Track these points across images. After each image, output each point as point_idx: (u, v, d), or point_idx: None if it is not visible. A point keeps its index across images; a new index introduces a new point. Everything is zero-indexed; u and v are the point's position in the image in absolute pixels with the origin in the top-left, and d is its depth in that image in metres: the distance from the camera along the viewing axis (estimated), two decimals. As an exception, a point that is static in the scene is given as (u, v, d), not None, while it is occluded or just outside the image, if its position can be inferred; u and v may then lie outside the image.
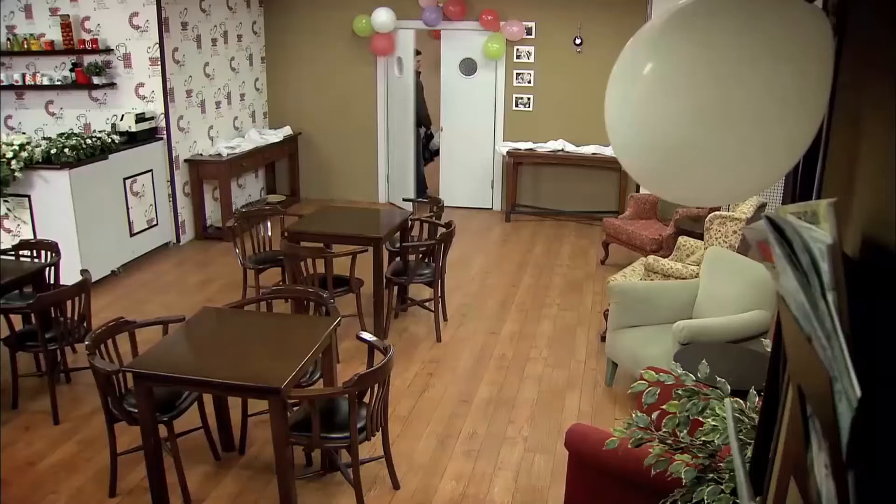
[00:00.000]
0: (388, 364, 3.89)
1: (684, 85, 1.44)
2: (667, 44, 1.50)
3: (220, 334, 4.43)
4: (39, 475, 4.64)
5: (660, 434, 2.59)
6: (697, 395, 2.51)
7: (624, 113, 1.54)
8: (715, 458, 2.50)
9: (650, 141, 1.49)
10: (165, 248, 8.79)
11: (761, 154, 1.41)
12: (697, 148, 1.43)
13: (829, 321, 0.84)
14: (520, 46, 9.86)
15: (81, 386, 5.65)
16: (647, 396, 2.60)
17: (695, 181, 1.48)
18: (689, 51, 1.46)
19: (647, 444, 2.62)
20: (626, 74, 1.54)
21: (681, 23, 1.49)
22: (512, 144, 9.89)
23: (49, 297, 5.21)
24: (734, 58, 1.41)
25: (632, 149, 1.55)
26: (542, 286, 7.56)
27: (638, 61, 1.51)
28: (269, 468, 4.56)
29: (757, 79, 1.40)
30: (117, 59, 8.57)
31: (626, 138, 1.55)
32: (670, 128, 1.45)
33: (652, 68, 1.48)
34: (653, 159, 1.52)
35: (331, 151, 10.77)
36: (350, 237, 6.30)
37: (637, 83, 1.50)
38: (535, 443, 4.87)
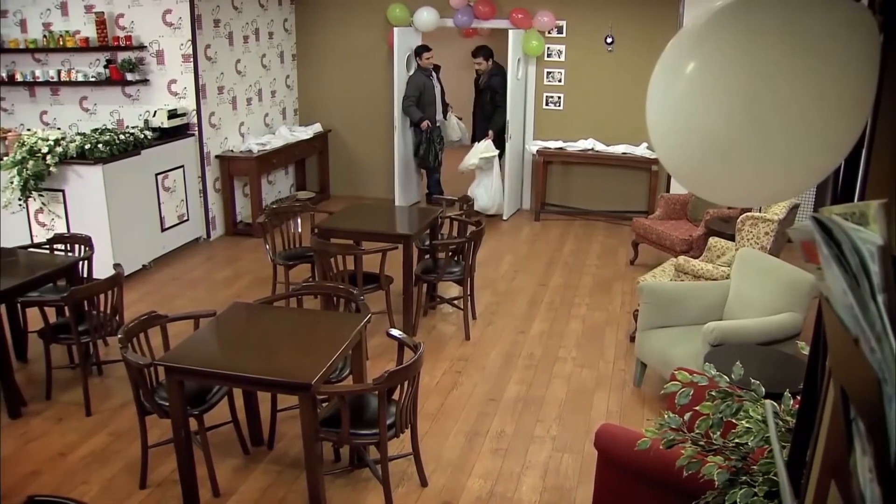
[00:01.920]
0: (418, 361, 3.90)
1: (727, 84, 1.43)
2: (709, 43, 1.48)
3: (251, 329, 4.46)
4: (71, 465, 4.70)
5: (692, 435, 2.58)
6: (731, 396, 2.49)
7: (666, 112, 1.53)
8: (747, 460, 2.48)
9: (692, 141, 1.48)
10: (196, 243, 8.85)
11: (805, 154, 1.39)
12: (740, 148, 1.42)
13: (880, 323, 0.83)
14: (551, 45, 9.83)
15: (113, 378, 5.71)
16: (681, 397, 2.58)
17: (737, 182, 1.47)
18: (732, 50, 1.44)
19: (678, 445, 2.61)
20: (668, 73, 1.53)
21: (723, 21, 1.47)
22: (542, 143, 9.86)
23: (82, 291, 5.26)
24: (778, 57, 1.40)
25: (673, 148, 1.54)
26: (571, 285, 7.54)
27: (680, 60, 1.50)
28: (297, 463, 4.58)
29: (801, 78, 1.38)
30: (150, 56, 8.64)
31: (668, 138, 1.54)
32: (712, 128, 1.44)
33: (694, 67, 1.47)
34: (694, 159, 1.51)
35: (360, 148, 10.80)
36: (380, 234, 6.32)
37: (679, 82, 1.49)
38: (563, 442, 4.85)
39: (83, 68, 8.83)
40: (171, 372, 3.94)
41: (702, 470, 2.48)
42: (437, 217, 6.71)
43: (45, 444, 4.94)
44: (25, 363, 6.00)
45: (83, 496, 4.30)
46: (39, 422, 5.21)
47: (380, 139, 10.59)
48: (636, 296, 6.23)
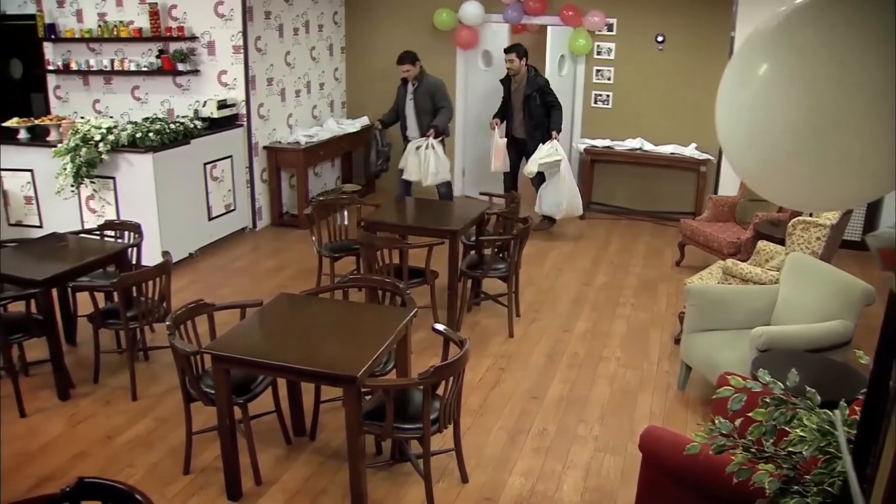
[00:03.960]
0: (464, 357, 3.88)
1: (800, 87, 1.39)
2: (782, 44, 1.45)
3: (297, 320, 4.48)
4: (117, 449, 4.76)
5: (743, 442, 2.53)
6: (786, 404, 2.45)
7: (736, 114, 1.50)
8: (799, 469, 2.44)
9: (763, 144, 1.45)
10: (242, 233, 8.93)
11: (879, 159, 1.35)
12: (812, 152, 1.38)
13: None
14: (601, 43, 9.76)
15: (159, 364, 5.78)
16: (734, 403, 2.54)
17: (808, 186, 1.43)
18: (806, 51, 1.41)
19: (728, 451, 2.56)
20: (740, 75, 1.49)
21: (798, 22, 1.44)
22: (589, 141, 9.80)
23: (131, 277, 5.34)
24: (853, 59, 1.36)
25: (743, 151, 1.50)
26: (615, 285, 7.48)
27: (752, 62, 1.47)
28: (339, 455, 4.60)
29: (877, 81, 1.34)
30: (202, 47, 8.73)
31: (738, 140, 1.50)
32: (784, 131, 1.40)
33: (767, 69, 1.43)
34: (764, 162, 1.48)
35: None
36: (427, 229, 6.32)
37: (751, 84, 1.45)
38: (606, 443, 4.81)
39: (136, 58, 8.94)
40: (217, 360, 3.97)
41: (752, 477, 2.44)
42: (484, 213, 6.70)
43: (92, 427, 5.01)
44: (75, 346, 6.10)
45: (128, 479, 4.35)
46: (87, 404, 5.29)
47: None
48: (682, 297, 6.15)
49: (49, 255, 5.72)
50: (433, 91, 8.59)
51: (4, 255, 5.78)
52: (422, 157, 8.55)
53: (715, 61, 8.99)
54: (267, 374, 4.33)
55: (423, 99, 8.62)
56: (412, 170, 8.68)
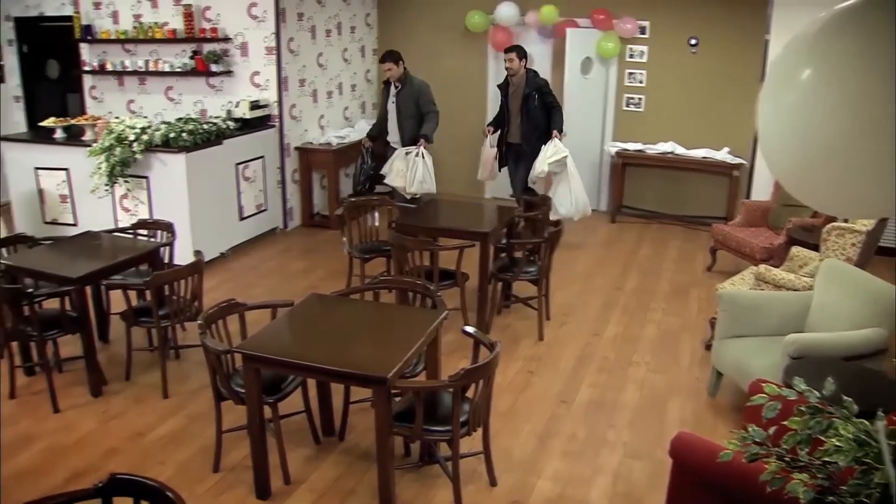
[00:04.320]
0: (494, 360, 3.87)
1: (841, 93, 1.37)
2: (824, 49, 1.42)
3: (327, 321, 4.49)
4: (148, 445, 4.81)
5: (777, 450, 2.50)
6: (822, 413, 2.41)
7: (777, 118, 1.48)
8: (834, 479, 2.40)
9: (802, 148, 1.43)
10: (272, 233, 8.98)
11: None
12: (851, 158, 1.36)
13: None
14: (633, 46, 9.71)
15: (190, 363, 5.83)
16: (768, 410, 2.51)
17: (846, 193, 1.41)
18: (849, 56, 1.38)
19: (762, 459, 2.53)
20: (782, 79, 1.47)
21: (841, 26, 1.41)
22: (621, 145, 9.75)
23: (164, 276, 5.38)
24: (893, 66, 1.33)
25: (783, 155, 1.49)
26: (646, 290, 7.43)
27: (795, 66, 1.45)
28: (367, 456, 4.60)
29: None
30: (235, 48, 8.79)
31: (778, 144, 1.48)
32: (825, 136, 1.38)
33: (809, 74, 1.41)
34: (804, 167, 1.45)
35: (438, 144, 10.72)
36: (458, 231, 6.31)
37: (793, 89, 1.43)
38: (635, 449, 4.77)
39: (170, 59, 9.03)
40: (248, 360, 3.99)
41: (786, 487, 2.40)
42: (515, 216, 6.68)
43: (123, 424, 5.06)
44: (107, 344, 6.17)
45: (158, 476, 4.37)
46: (119, 401, 5.34)
47: (461, 136, 10.58)
48: (713, 303, 6.11)
49: (83, 253, 5.78)
50: (418, 95, 8.23)
51: (40, 253, 5.86)
52: (409, 163, 8.15)
53: (749, 64, 8.92)
54: (297, 374, 4.34)
55: (407, 103, 8.25)
56: (396, 174, 8.27)
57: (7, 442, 4.86)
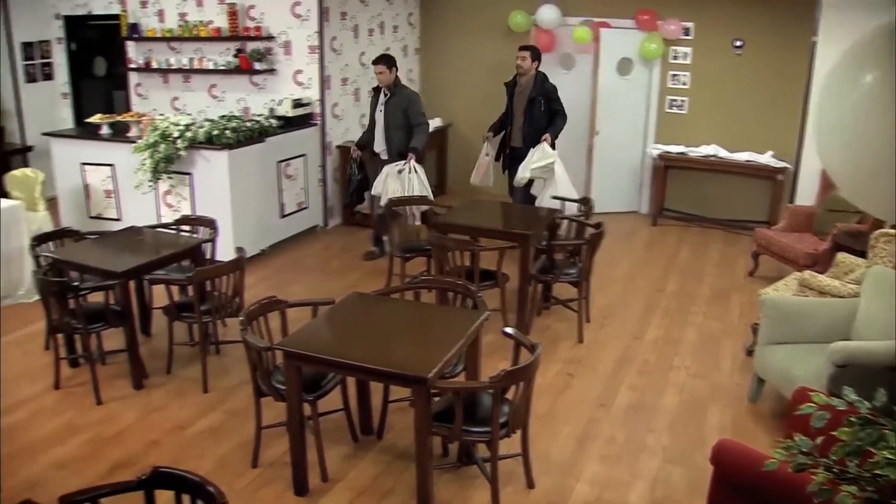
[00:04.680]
0: (535, 362, 3.85)
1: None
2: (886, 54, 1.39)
3: (368, 320, 4.49)
4: (188, 439, 4.86)
5: (825, 461, 2.45)
6: (872, 424, 2.36)
7: (836, 121, 1.44)
8: (884, 492, 2.35)
9: (860, 151, 1.39)
10: (313, 231, 9.03)
11: None
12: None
13: None
14: (677, 47, 9.61)
15: (230, 358, 5.87)
16: (816, 420, 2.46)
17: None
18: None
19: (809, 470, 2.48)
20: (842, 82, 1.44)
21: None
22: (663, 147, 9.66)
23: (206, 272, 5.42)
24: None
25: (840, 157, 1.45)
26: (687, 293, 7.35)
27: (855, 70, 1.41)
28: (405, 455, 4.60)
29: None
30: (278, 47, 8.84)
31: (836, 146, 1.45)
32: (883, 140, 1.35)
33: (870, 79, 1.38)
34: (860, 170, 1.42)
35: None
36: (499, 232, 6.30)
37: (853, 93, 1.40)
38: (675, 454, 4.72)
39: (214, 57, 9.11)
40: (289, 357, 4.01)
41: (834, 499, 2.36)
42: (556, 217, 6.64)
43: (164, 417, 5.12)
44: (149, 338, 6.24)
45: (197, 469, 4.35)
46: (160, 394, 5.40)
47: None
48: (755, 308, 6.03)
49: (127, 247, 5.86)
50: (407, 105, 7.76)
51: (86, 247, 5.95)
52: (405, 182, 7.62)
53: (795, 67, 8.77)
54: (337, 373, 4.35)
55: (395, 112, 7.78)
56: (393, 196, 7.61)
57: (52, 432, 4.96)
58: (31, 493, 4.05)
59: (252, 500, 4.26)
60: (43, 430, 4.99)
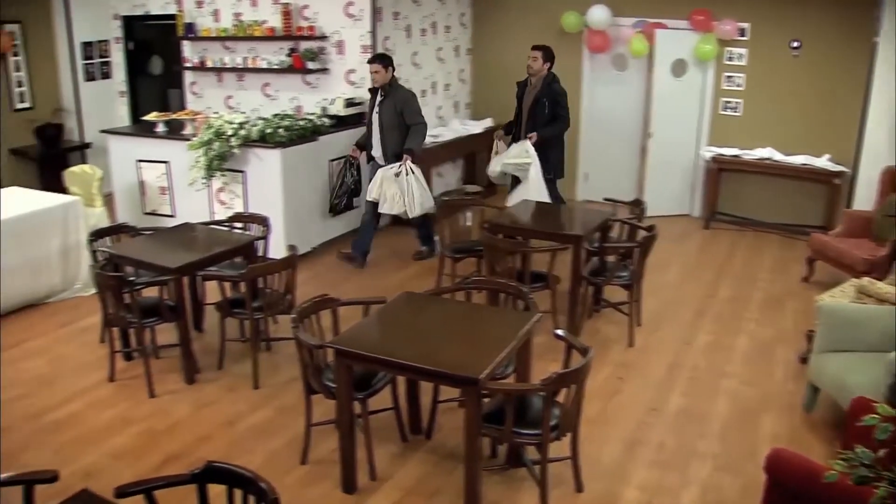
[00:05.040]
0: (587, 365, 3.82)
1: None
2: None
3: (419, 319, 4.49)
4: (238, 434, 4.91)
5: (889, 475, 2.39)
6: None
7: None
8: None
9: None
10: (365, 230, 9.05)
11: None
12: None
13: None
14: (732, 48, 9.46)
15: (280, 355, 5.92)
16: (881, 432, 2.40)
17: None
18: None
19: (871, 483, 2.42)
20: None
21: None
22: (716, 150, 9.53)
23: (258, 269, 5.47)
24: None
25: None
26: (739, 298, 7.23)
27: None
28: (454, 456, 4.59)
29: None
30: (331, 46, 8.90)
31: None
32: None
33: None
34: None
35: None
36: (550, 234, 6.25)
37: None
38: (726, 461, 4.64)
39: (267, 56, 9.20)
40: (340, 355, 4.02)
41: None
42: (608, 219, 6.59)
43: (215, 412, 5.18)
44: (201, 333, 6.32)
45: (247, 465, 4.38)
46: (212, 390, 5.46)
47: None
48: (810, 315, 5.92)
49: (181, 244, 5.93)
50: (402, 105, 7.54)
51: (141, 243, 6.04)
52: (404, 187, 7.42)
53: (855, 68, 8.60)
54: (388, 372, 4.36)
55: (390, 113, 7.55)
56: (393, 201, 7.51)
57: (106, 423, 5.05)
58: (87, 482, 4.11)
59: (300, 496, 4.28)
60: (98, 421, 5.08)
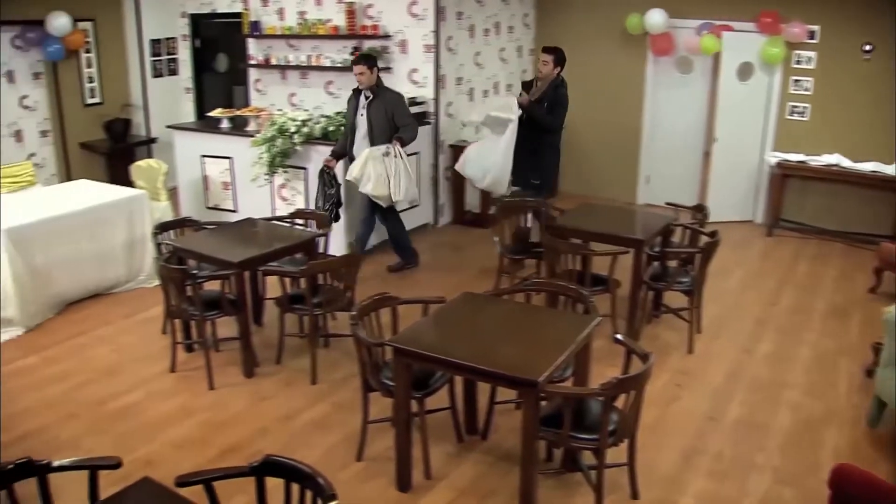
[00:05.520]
0: (647, 371, 3.77)
1: None
2: None
3: (478, 320, 4.48)
4: (295, 429, 4.97)
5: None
6: None
7: None
8: None
9: None
10: (423, 228, 9.08)
11: None
12: None
13: None
14: (800, 51, 9.25)
15: (338, 352, 5.96)
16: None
17: None
18: None
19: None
20: None
21: None
22: (782, 155, 9.34)
23: (319, 265, 5.53)
24: None
25: None
26: (802, 308, 7.08)
27: None
28: (509, 457, 4.58)
29: None
30: (394, 45, 8.93)
31: None
32: None
33: None
34: None
35: (592, 147, 10.64)
36: (612, 237, 6.18)
37: None
38: (787, 475, 4.54)
39: (331, 54, 9.28)
40: (399, 353, 4.03)
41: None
42: (670, 224, 6.50)
43: (273, 406, 5.24)
44: (260, 327, 6.39)
45: (304, 459, 4.44)
46: (270, 384, 5.53)
47: (616, 140, 10.43)
48: (876, 326, 5.75)
49: (243, 239, 6.02)
50: (393, 106, 7.20)
51: (204, 237, 6.14)
52: (391, 169, 7.02)
53: (930, 74, 8.37)
54: (446, 371, 4.36)
55: (380, 115, 7.16)
56: (377, 182, 7.02)
57: (166, 413, 5.17)
58: (148, 470, 4.20)
59: (355, 492, 4.31)
60: (159, 410, 5.19)
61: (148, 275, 7.26)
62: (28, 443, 4.76)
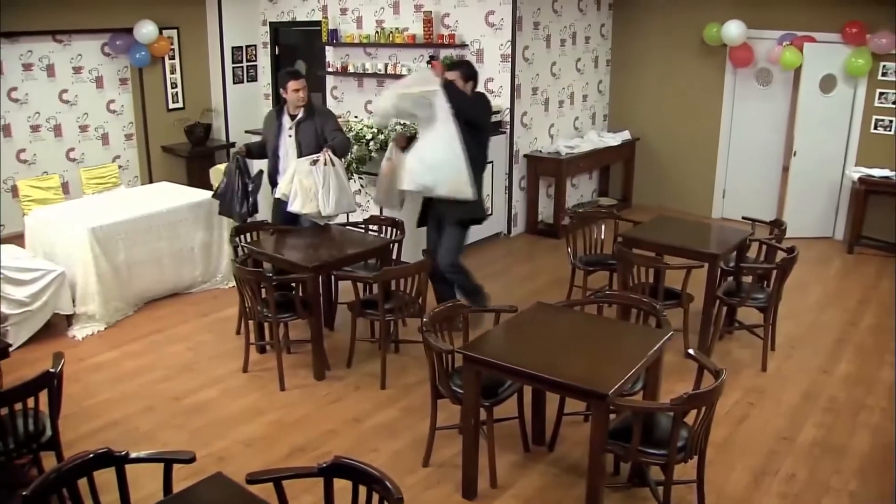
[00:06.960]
0: (719, 387, 3.71)
1: None
2: None
3: (550, 330, 4.47)
4: (363, 432, 5.03)
5: None
6: None
7: None
8: None
9: None
10: (496, 237, 9.09)
11: None
12: None
13: None
14: (887, 62, 8.97)
15: (408, 357, 6.01)
16: None
17: None
18: None
19: None
20: None
21: None
22: (865, 170, 9.08)
23: (392, 272, 5.58)
24: None
25: None
26: (885, 329, 6.86)
27: None
28: (575, 469, 4.56)
29: None
30: (471, 54, 8.97)
31: None
32: None
33: None
34: None
35: (668, 159, 10.52)
36: (686, 251, 6.10)
37: None
38: (863, 500, 4.40)
39: (407, 62, 9.37)
40: (469, 361, 4.05)
41: None
42: (746, 239, 6.39)
43: (342, 408, 5.32)
44: (332, 331, 6.48)
45: (371, 462, 4.50)
46: (340, 387, 5.61)
47: (692, 153, 10.29)
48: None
49: (318, 243, 6.09)
50: (323, 122, 6.44)
51: (279, 240, 6.24)
52: (319, 179, 6.15)
53: None
54: (516, 381, 4.37)
55: (309, 135, 6.39)
56: (306, 197, 6.17)
57: (238, 411, 5.30)
58: (219, 466, 4.31)
59: (421, 498, 4.34)
60: (231, 408, 5.31)
61: (224, 276, 7.43)
62: (107, 433, 4.94)
